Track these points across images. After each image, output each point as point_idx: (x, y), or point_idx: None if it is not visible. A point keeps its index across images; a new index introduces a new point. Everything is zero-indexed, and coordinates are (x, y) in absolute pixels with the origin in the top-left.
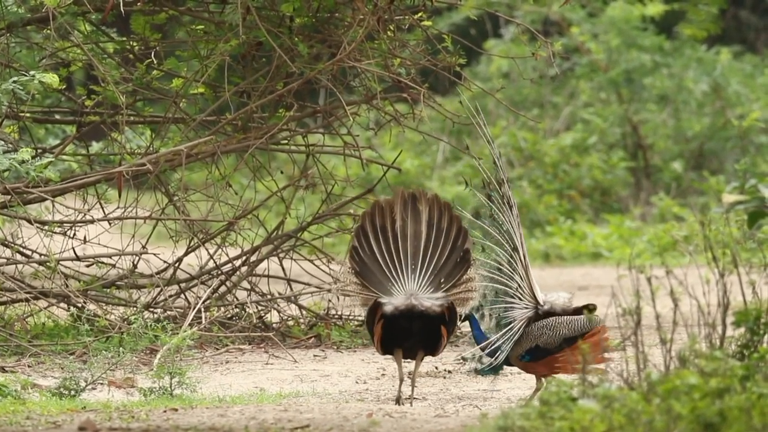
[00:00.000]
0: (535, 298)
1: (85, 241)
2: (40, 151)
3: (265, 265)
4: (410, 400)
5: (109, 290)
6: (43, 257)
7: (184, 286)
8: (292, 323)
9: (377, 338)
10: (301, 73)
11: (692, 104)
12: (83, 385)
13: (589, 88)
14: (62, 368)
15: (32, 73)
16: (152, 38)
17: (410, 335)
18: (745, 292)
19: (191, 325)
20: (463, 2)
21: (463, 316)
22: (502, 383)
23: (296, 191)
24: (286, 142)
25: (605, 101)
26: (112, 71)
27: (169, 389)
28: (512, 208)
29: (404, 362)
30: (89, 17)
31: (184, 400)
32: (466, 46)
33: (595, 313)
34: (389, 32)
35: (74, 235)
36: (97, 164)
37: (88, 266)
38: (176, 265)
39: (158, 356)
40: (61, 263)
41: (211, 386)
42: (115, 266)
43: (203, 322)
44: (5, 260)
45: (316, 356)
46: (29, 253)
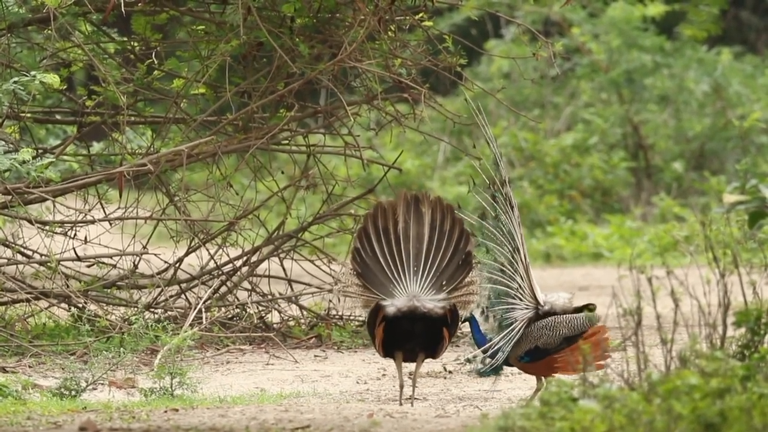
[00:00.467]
0: (535, 298)
1: (85, 241)
2: (40, 151)
3: (265, 265)
4: (411, 400)
5: (109, 290)
6: (43, 257)
7: (184, 286)
8: (292, 323)
9: (379, 340)
10: (302, 73)
11: (693, 105)
12: (84, 385)
13: (589, 88)
14: (63, 368)
15: (33, 73)
16: (153, 38)
17: (412, 337)
18: (745, 292)
19: (192, 325)
20: (463, 3)
21: (463, 318)
22: (502, 383)
23: (297, 191)
24: (286, 142)
25: (606, 101)
26: (112, 71)
27: (169, 389)
28: (513, 208)
29: (404, 366)
30: (90, 17)
31: (184, 400)
32: (466, 46)
33: (594, 312)
34: (390, 33)
35: (75, 235)
36: (97, 164)
37: (88, 266)
38: (177, 265)
39: (159, 356)
40: (61, 263)
41: (211, 386)
42: (115, 266)
43: (204, 322)
44: (6, 260)
45: (316, 356)
46: (30, 253)
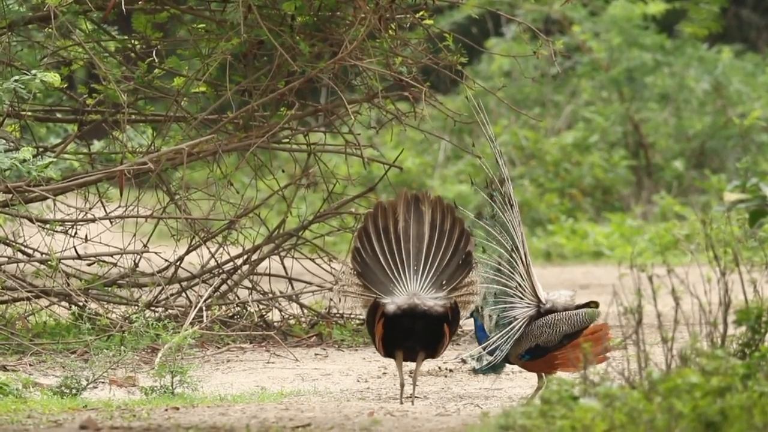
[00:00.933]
0: (536, 296)
1: (86, 239)
2: (41, 149)
3: (266, 263)
4: (412, 398)
5: (110, 289)
6: (44, 256)
7: (185, 284)
8: (293, 322)
9: (378, 337)
10: (302, 71)
11: (693, 103)
12: (84, 383)
13: (590, 86)
14: (63, 367)
15: (34, 71)
16: (153, 37)
17: (412, 335)
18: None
19: (192, 323)
20: (464, 1)
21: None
22: (503, 382)
23: (297, 190)
24: (287, 140)
25: (606, 100)
26: (113, 70)
27: (170, 388)
28: (513, 206)
29: (405, 365)
30: (90, 16)
31: (185, 398)
32: (467, 44)
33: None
34: (391, 31)
35: (75, 233)
36: (98, 163)
37: (89, 265)
38: (178, 263)
39: (159, 355)
40: (62, 262)
41: (212, 385)
42: (116, 265)
43: (204, 320)
44: (6, 259)
45: (317, 355)
46: (30, 251)
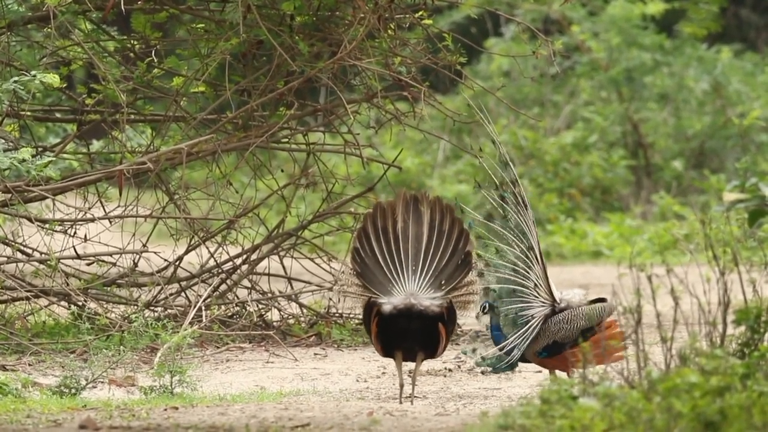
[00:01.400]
0: (551, 296)
1: (85, 239)
2: (40, 149)
3: (265, 263)
4: (411, 398)
5: (109, 289)
6: (43, 256)
7: (184, 284)
8: (292, 321)
9: (374, 336)
10: (301, 71)
11: (693, 103)
12: (84, 383)
13: (589, 86)
14: (63, 367)
15: (33, 72)
16: (153, 37)
17: (408, 335)
18: (745, 290)
19: (192, 323)
20: (463, 1)
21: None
22: (503, 382)
23: (297, 190)
24: (286, 140)
25: (606, 100)
26: (112, 70)
27: (169, 388)
28: (527, 207)
29: (404, 365)
30: (90, 16)
31: (184, 398)
32: (466, 44)
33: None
34: (390, 31)
35: (75, 233)
36: (97, 163)
37: (88, 265)
38: (177, 263)
39: (159, 355)
40: (61, 262)
41: (211, 385)
42: (115, 265)
43: (204, 320)
44: (6, 259)
45: (316, 354)
46: (30, 251)
